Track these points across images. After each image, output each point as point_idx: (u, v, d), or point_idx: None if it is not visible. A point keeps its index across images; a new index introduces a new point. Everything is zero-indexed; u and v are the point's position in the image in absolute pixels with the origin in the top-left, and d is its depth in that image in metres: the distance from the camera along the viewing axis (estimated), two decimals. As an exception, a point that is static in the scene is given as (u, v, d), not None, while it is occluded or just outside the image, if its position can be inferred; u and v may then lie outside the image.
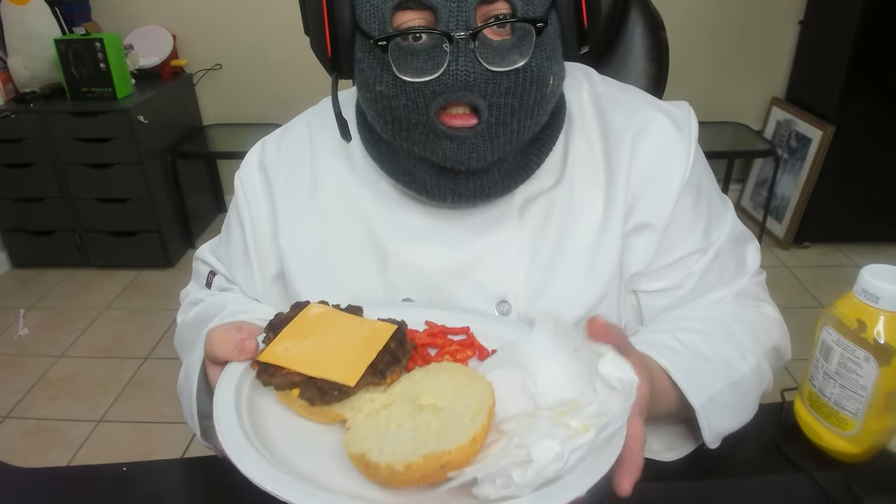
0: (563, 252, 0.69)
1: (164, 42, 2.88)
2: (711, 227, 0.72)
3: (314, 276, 0.72)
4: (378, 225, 0.70)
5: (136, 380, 2.17)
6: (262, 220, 0.75)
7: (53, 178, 2.66)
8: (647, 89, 1.03)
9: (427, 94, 0.57)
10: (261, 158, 0.76)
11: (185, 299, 0.84)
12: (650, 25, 1.03)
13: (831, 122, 2.59)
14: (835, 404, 0.65)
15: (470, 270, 0.68)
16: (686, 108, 0.73)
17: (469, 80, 0.56)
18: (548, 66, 0.59)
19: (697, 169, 0.70)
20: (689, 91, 2.77)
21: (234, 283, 0.79)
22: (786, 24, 2.85)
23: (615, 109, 0.71)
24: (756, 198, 3.01)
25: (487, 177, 0.64)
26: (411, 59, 0.57)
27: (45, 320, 2.52)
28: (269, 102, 3.02)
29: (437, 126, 0.59)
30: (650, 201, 0.69)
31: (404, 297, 0.69)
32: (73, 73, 2.56)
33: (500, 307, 0.68)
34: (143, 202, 2.68)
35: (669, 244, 0.70)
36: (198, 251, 0.85)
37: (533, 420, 0.48)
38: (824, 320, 0.66)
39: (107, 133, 2.56)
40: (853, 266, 2.68)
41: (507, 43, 0.57)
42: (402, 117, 0.60)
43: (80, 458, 1.86)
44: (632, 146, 0.69)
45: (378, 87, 0.60)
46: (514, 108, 0.59)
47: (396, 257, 0.69)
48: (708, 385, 0.62)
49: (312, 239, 0.72)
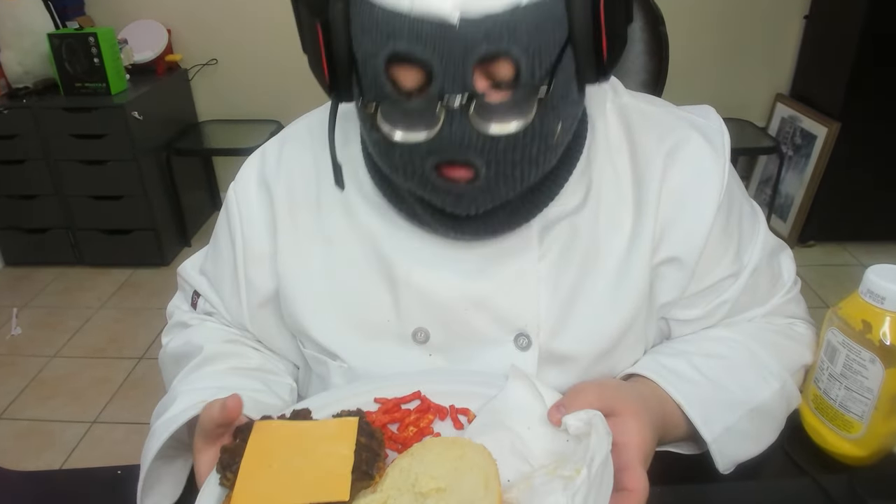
0: (587, 281, 0.66)
1: (159, 36, 2.88)
2: (743, 247, 0.70)
3: (318, 301, 0.70)
4: (387, 248, 0.67)
5: (130, 380, 2.17)
6: (257, 240, 0.72)
7: (47, 175, 2.65)
8: (647, 84, 1.04)
9: (422, 151, 0.54)
10: (261, 171, 0.73)
11: (172, 318, 0.83)
12: (650, 20, 1.03)
13: (837, 119, 2.59)
14: (840, 407, 0.65)
15: (486, 300, 0.65)
16: (715, 119, 0.70)
17: (464, 143, 0.52)
18: (553, 117, 0.55)
19: (731, 186, 0.68)
20: (691, 87, 2.77)
21: (221, 302, 0.77)
22: (790, 18, 2.84)
23: (644, 126, 0.68)
24: (760, 196, 3.01)
25: (491, 219, 0.62)
26: (403, 118, 0.53)
27: (38, 319, 2.52)
28: (265, 98, 3.02)
29: (434, 180, 0.56)
30: (683, 230, 0.66)
31: (417, 325, 0.67)
32: (66, 68, 2.55)
33: (519, 341, 0.66)
34: (138, 200, 2.68)
35: (702, 272, 0.68)
36: (181, 268, 0.82)
37: (531, 482, 0.51)
38: (829, 321, 0.66)
39: (101, 129, 2.55)
40: (859, 265, 2.68)
41: (507, 104, 0.52)
42: (398, 166, 0.57)
43: (74, 460, 1.86)
44: (663, 169, 0.66)
45: (374, 135, 0.56)
46: (516, 162, 0.55)
47: (407, 283, 0.66)
48: (723, 416, 0.62)
49: (317, 261, 0.69)
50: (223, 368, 0.72)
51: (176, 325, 0.81)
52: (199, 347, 0.73)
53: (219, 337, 0.76)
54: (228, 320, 0.78)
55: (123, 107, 2.53)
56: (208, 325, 0.78)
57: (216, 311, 0.78)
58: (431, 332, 0.67)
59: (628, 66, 1.03)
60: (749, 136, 2.86)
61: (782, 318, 0.74)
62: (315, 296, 0.70)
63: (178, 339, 0.77)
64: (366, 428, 0.54)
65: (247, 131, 2.90)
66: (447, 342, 0.67)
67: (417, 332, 0.67)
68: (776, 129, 2.95)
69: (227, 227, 0.74)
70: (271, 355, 0.78)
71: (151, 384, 2.13)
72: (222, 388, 0.66)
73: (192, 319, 0.80)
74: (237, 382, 0.70)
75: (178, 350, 0.76)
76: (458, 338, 0.67)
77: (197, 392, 0.67)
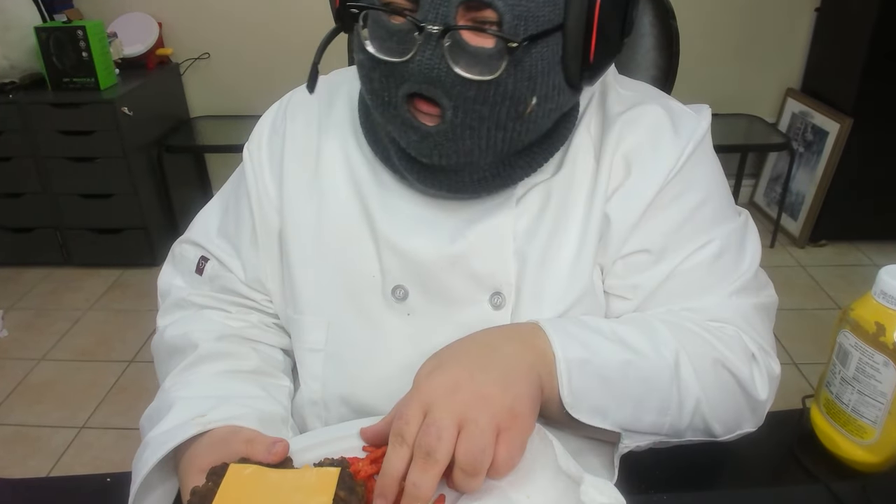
0: (555, 245, 0.69)
1: (150, 30, 2.87)
2: (683, 236, 0.68)
3: (304, 252, 0.74)
4: (374, 207, 0.71)
5: (120, 384, 2.17)
6: (271, 193, 0.76)
7: (34, 173, 2.65)
8: (657, 80, 1.04)
9: (397, 76, 0.59)
10: (273, 123, 0.79)
11: (167, 298, 0.83)
12: (660, 14, 1.03)
13: (849, 114, 2.59)
14: (853, 411, 0.65)
15: (464, 261, 0.69)
16: (700, 109, 0.72)
17: (432, 75, 0.57)
18: (528, 86, 0.59)
19: (693, 175, 0.68)
20: (700, 82, 2.78)
21: (238, 261, 0.78)
22: (801, 10, 2.84)
23: (615, 100, 0.72)
24: (770, 194, 3.01)
25: (457, 177, 0.66)
26: (386, 37, 0.58)
27: (24, 321, 2.52)
28: (260, 93, 3.00)
29: (404, 112, 0.61)
30: (623, 195, 0.68)
31: (397, 283, 0.70)
32: (54, 62, 2.55)
33: (494, 299, 0.69)
34: (128, 198, 2.68)
35: (629, 240, 0.68)
36: (191, 234, 0.83)
37: None
38: (841, 323, 0.66)
39: (89, 125, 2.55)
40: (872, 265, 2.68)
41: (484, 52, 0.56)
42: (377, 91, 0.62)
43: (62, 467, 1.86)
44: (619, 134, 0.69)
45: (359, 55, 0.62)
46: (483, 117, 0.59)
47: (388, 242, 0.70)
48: (584, 349, 0.60)
49: (310, 213, 0.74)
50: (220, 370, 0.72)
51: (174, 306, 0.81)
52: (195, 345, 0.74)
53: (216, 332, 0.76)
54: (243, 279, 0.78)
55: (113, 102, 2.53)
56: (206, 316, 0.78)
57: (224, 275, 0.79)
58: (410, 291, 0.70)
59: (638, 62, 1.03)
60: (759, 132, 2.86)
61: (714, 321, 0.69)
62: (302, 247, 0.74)
63: (176, 329, 0.77)
64: (347, 481, 0.53)
65: (240, 128, 2.89)
66: (424, 301, 0.70)
67: (397, 289, 0.71)
68: (786, 125, 2.95)
69: (243, 188, 0.79)
70: (268, 350, 0.78)
71: (142, 388, 2.13)
72: (222, 398, 0.67)
73: (192, 296, 0.80)
74: (237, 388, 0.70)
75: (173, 342, 0.76)
76: (435, 296, 0.70)
77: (194, 402, 0.67)
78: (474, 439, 0.52)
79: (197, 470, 0.58)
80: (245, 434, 0.60)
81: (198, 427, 0.61)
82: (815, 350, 2.09)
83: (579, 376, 0.59)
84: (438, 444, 0.51)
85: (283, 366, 0.79)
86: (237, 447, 0.58)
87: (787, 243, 2.86)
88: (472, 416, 0.52)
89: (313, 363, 0.74)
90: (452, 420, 0.52)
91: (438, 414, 0.52)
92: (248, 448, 0.58)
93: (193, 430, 0.61)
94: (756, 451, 0.66)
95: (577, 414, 0.59)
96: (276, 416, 0.70)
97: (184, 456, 0.61)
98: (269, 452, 0.57)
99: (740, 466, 0.66)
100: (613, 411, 0.61)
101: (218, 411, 0.64)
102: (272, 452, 0.57)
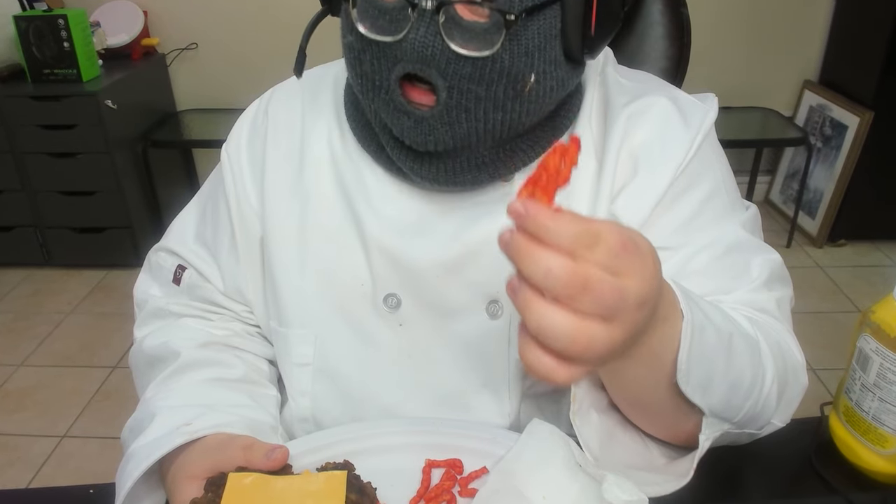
0: None
1: (135, 19, 2.87)
2: (697, 227, 0.68)
3: (290, 259, 0.73)
4: (363, 208, 0.70)
5: (103, 391, 2.17)
6: (251, 198, 0.75)
7: (12, 169, 2.65)
8: (667, 71, 1.04)
9: (390, 57, 0.59)
10: (252, 124, 0.78)
11: (144, 307, 0.82)
12: (670, 1, 1.03)
13: (869, 108, 2.59)
14: (873, 419, 0.65)
15: (460, 267, 0.68)
16: (706, 98, 0.72)
17: (427, 53, 0.57)
18: (526, 62, 0.59)
19: (703, 166, 0.68)
20: (712, 73, 2.78)
21: (216, 269, 0.78)
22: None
23: (617, 92, 0.72)
24: (786, 191, 3.02)
25: (454, 163, 0.65)
26: (377, 16, 0.58)
27: (3, 325, 2.52)
28: (249, 86, 2.99)
29: (397, 96, 0.60)
30: (634, 191, 0.68)
31: (389, 291, 0.70)
32: (34, 53, 2.55)
33: (491, 308, 0.68)
34: (112, 195, 2.68)
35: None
36: (154, 249, 0.83)
37: None
38: (861, 327, 0.66)
39: (71, 119, 2.55)
40: (893, 266, 2.68)
41: (479, 26, 0.56)
42: (367, 74, 0.61)
43: (43, 478, 1.86)
44: (625, 129, 0.69)
45: (348, 37, 0.62)
46: (479, 97, 0.59)
47: (379, 246, 0.69)
48: (704, 314, 0.54)
49: (294, 218, 0.73)
50: (204, 378, 0.72)
51: (152, 315, 0.81)
52: (177, 353, 0.73)
53: (199, 339, 0.76)
54: (221, 289, 0.78)
55: (96, 95, 2.53)
56: (187, 324, 0.78)
57: (202, 285, 0.78)
58: (403, 299, 0.70)
59: (647, 52, 1.03)
60: (774, 126, 2.86)
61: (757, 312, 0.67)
62: (286, 254, 0.73)
63: (155, 339, 0.77)
64: (356, 483, 0.53)
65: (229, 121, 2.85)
66: (418, 310, 0.70)
67: (389, 297, 0.70)
68: (804, 118, 2.95)
69: (221, 192, 0.77)
70: (253, 359, 0.78)
71: (126, 395, 2.13)
72: (208, 406, 0.67)
73: (170, 305, 0.79)
74: (223, 397, 0.70)
75: (153, 352, 0.76)
76: (429, 305, 0.70)
77: (179, 411, 0.67)
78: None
79: (189, 477, 0.58)
80: (242, 440, 0.60)
81: (184, 436, 0.61)
82: (833, 355, 2.09)
83: (699, 343, 0.52)
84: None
85: (268, 375, 0.79)
86: (234, 454, 0.58)
87: (805, 243, 2.86)
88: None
89: (301, 378, 0.74)
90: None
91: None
92: (245, 455, 0.58)
93: (180, 440, 0.61)
94: (772, 461, 0.66)
95: (684, 385, 0.53)
96: (265, 424, 0.69)
97: (172, 465, 0.61)
98: (269, 459, 0.57)
99: (756, 478, 0.66)
100: (715, 387, 0.55)
101: (204, 419, 0.64)
102: (271, 459, 0.57)
